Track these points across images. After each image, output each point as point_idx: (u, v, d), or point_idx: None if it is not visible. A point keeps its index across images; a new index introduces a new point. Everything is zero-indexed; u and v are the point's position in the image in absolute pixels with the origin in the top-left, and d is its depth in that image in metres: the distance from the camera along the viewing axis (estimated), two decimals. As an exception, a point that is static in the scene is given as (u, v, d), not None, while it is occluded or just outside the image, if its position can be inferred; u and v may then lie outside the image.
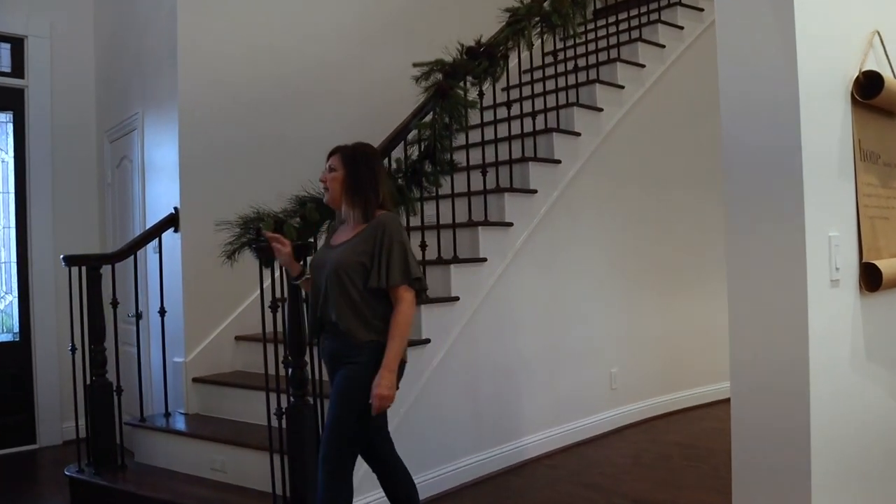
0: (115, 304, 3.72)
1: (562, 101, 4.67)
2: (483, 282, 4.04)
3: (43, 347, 4.92)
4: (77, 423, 3.75)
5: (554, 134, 4.48)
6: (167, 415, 3.95)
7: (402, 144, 3.72)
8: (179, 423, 3.85)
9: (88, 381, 3.67)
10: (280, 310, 3.04)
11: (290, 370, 2.96)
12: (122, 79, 4.88)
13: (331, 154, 2.73)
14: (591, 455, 4.34)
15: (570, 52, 5.14)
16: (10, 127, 5.03)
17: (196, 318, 4.13)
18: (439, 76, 3.78)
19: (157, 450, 3.74)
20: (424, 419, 3.68)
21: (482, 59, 3.91)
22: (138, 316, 4.26)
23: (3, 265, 5.03)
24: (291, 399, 2.95)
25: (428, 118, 3.74)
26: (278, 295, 3.07)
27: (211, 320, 4.21)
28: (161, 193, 4.29)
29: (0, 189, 5.00)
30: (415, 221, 3.83)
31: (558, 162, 4.48)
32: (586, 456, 4.33)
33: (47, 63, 5.06)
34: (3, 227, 5.01)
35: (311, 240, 3.17)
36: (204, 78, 4.22)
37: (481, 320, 4.02)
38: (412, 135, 3.72)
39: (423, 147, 3.71)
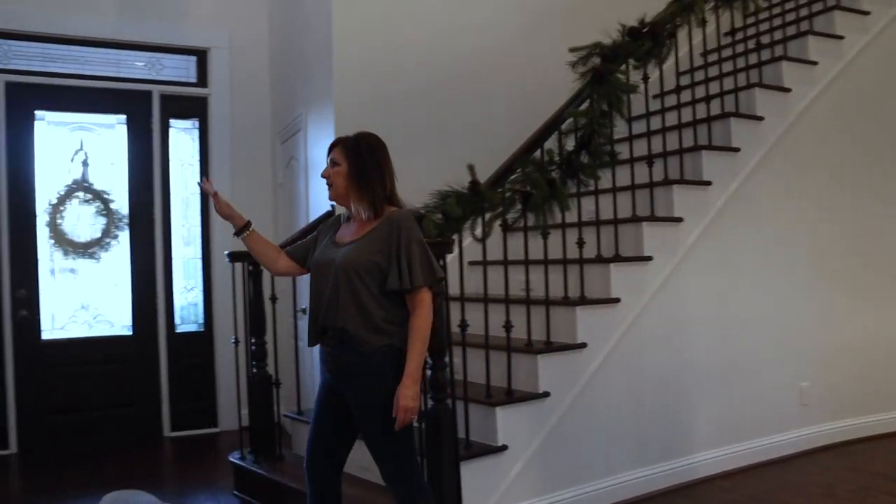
0: (273, 298, 3.82)
1: (741, 82, 4.19)
2: (648, 282, 3.71)
3: (222, 338, 5.23)
4: (240, 412, 3.92)
5: (731, 119, 4.03)
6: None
7: (555, 135, 3.49)
8: (334, 419, 3.89)
9: (250, 374, 3.82)
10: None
11: (429, 372, 2.85)
12: (289, 81, 5.07)
13: (332, 147, 2.53)
14: (774, 479, 3.85)
15: (751, 31, 4.62)
16: (196, 133, 5.41)
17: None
18: (597, 60, 3.51)
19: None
20: (580, 428, 3.44)
21: (645, 40, 3.58)
22: (303, 311, 4.37)
23: (191, 261, 5.42)
24: (430, 402, 2.84)
25: (584, 106, 3.49)
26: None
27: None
28: (322, 192, 4.35)
29: (188, 191, 5.40)
30: (570, 217, 3.58)
31: (736, 150, 4.02)
32: (769, 479, 3.85)
33: (227, 71, 5.38)
34: (191, 226, 5.40)
35: (454, 237, 3.05)
36: (358, 75, 4.26)
37: (646, 324, 3.70)
38: (567, 124, 3.49)
39: (578, 137, 3.47)
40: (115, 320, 5.14)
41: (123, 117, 5.16)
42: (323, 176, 2.53)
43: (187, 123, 5.39)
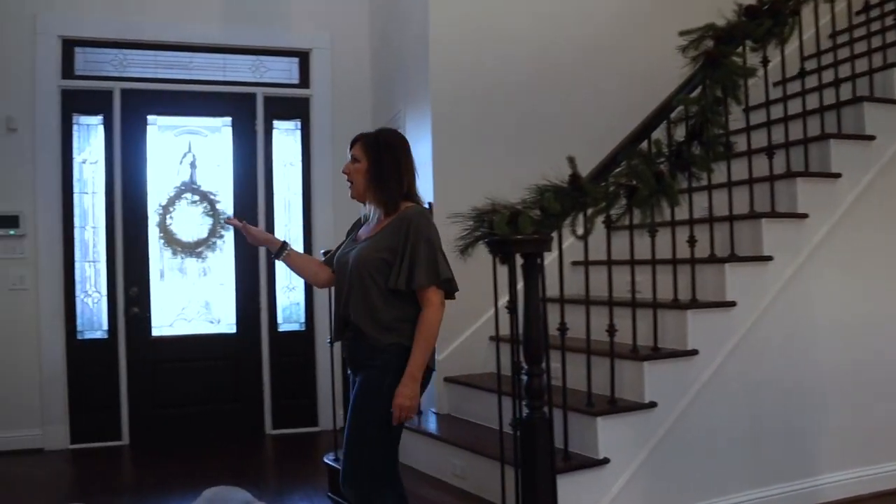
0: (369, 299, 3.77)
1: (877, 64, 3.78)
2: (767, 284, 3.40)
3: (323, 338, 5.24)
4: (335, 412, 3.88)
5: (865, 104, 3.64)
6: (419, 413, 3.92)
7: (664, 124, 3.24)
8: (430, 423, 3.79)
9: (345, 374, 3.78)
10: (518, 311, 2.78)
11: (524, 378, 2.68)
12: (388, 79, 5.03)
13: (353, 143, 2.54)
14: (915, 507, 3.44)
15: (889, 7, 4.18)
16: (299, 134, 5.47)
17: (449, 316, 4.02)
18: (710, 43, 3.24)
19: (406, 448, 3.67)
20: (688, 443, 3.17)
21: (765, 19, 3.27)
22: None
23: (292, 261, 5.47)
24: (526, 410, 2.67)
25: (696, 92, 3.22)
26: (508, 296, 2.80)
27: (464, 318, 4.10)
28: (420, 189, 4.28)
29: (290, 192, 5.45)
30: (680, 213, 3.32)
31: (871, 138, 3.63)
32: (908, 507, 3.44)
33: (328, 72, 5.41)
34: (293, 227, 5.45)
35: (553, 234, 2.85)
36: (454, 68, 4.15)
37: (765, 330, 3.39)
38: (676, 112, 3.23)
39: (689, 126, 3.20)
40: (220, 318, 5.26)
41: (229, 119, 5.28)
42: (343, 172, 2.55)
43: (290, 124, 5.45)
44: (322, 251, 3.80)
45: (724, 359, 3.27)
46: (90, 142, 5.04)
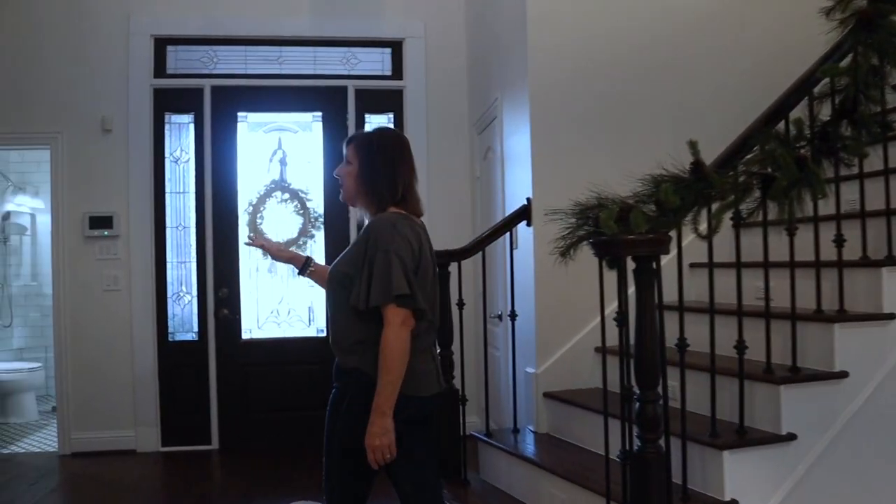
0: (461, 304, 3.44)
1: None
2: (935, 292, 2.82)
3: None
4: (423, 429, 3.57)
5: None
6: (515, 431, 3.54)
7: (805, 101, 2.73)
8: (525, 444, 3.41)
9: (435, 386, 3.47)
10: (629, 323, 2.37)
11: (636, 404, 2.26)
12: (485, 67, 4.69)
13: (347, 144, 2.33)
14: None
15: None
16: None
17: (550, 324, 3.66)
18: (862, 2, 2.70)
19: (499, 470, 3.36)
20: (835, 484, 2.64)
21: (936, -32, 2.69)
22: (497, 317, 3.97)
23: (385, 261, 5.23)
24: (637, 441, 2.25)
25: (845, 62, 2.69)
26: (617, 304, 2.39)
27: (567, 328, 3.69)
28: (518, 183, 3.93)
29: (382, 188, 5.21)
30: (825, 207, 2.79)
31: None
32: None
33: (422, 62, 5.14)
34: (385, 225, 5.21)
35: (671, 233, 2.42)
36: (555, 50, 3.73)
37: (932, 348, 2.80)
38: (821, 86, 2.70)
39: (837, 102, 2.67)
40: (310, 321, 5.08)
41: (319, 114, 5.10)
42: (335, 175, 2.37)
43: (382, 118, 5.21)
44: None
45: (880, 383, 2.72)
46: (181, 140, 4.98)
